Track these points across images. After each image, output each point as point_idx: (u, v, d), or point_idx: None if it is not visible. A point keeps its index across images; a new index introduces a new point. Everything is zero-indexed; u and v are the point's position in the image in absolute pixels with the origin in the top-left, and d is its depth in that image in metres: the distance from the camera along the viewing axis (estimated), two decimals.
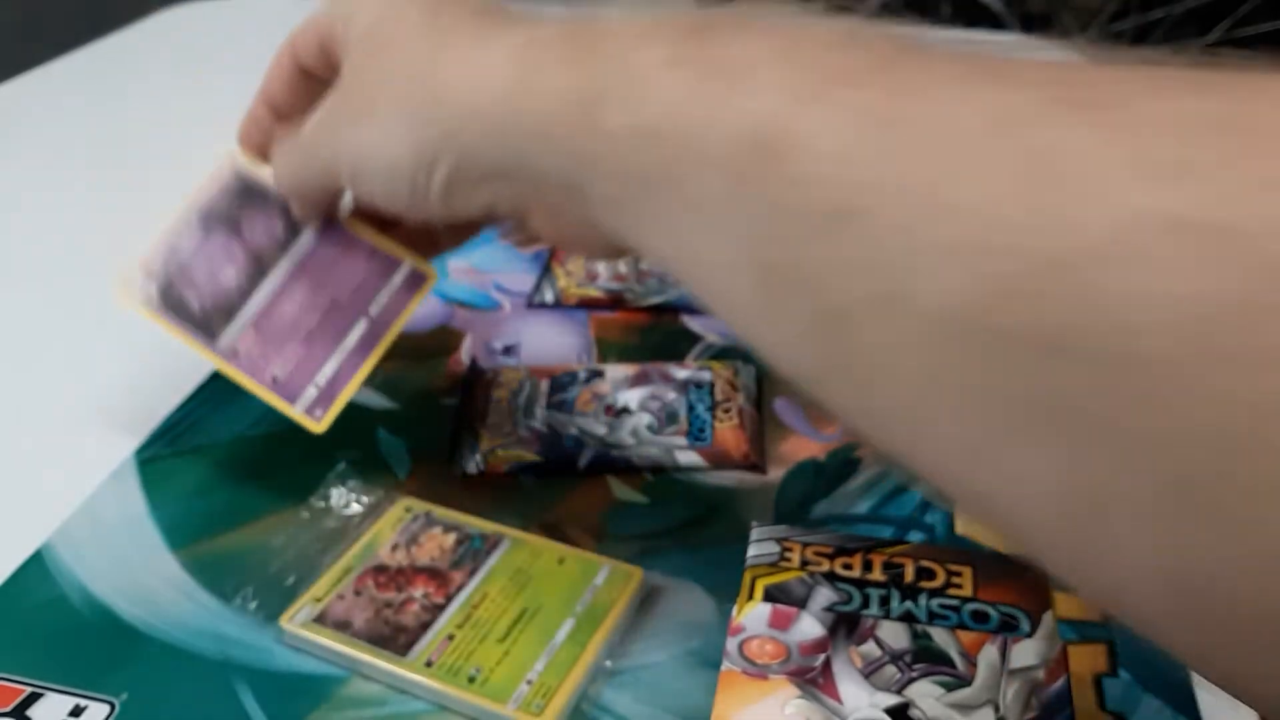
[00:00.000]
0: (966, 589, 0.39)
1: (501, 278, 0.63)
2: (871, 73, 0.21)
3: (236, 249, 0.45)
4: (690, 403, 0.51)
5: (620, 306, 0.60)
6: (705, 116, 0.23)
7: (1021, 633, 0.37)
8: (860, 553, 0.41)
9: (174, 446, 0.50)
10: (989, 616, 0.38)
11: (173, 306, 0.45)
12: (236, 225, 0.46)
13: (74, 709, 0.37)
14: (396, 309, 0.45)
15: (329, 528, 0.44)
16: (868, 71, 0.22)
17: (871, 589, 0.39)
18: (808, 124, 0.21)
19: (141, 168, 0.81)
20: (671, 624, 0.40)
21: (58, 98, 0.92)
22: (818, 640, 0.37)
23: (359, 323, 0.45)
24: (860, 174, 0.20)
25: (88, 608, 0.41)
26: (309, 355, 0.44)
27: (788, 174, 0.21)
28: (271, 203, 0.45)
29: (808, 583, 0.40)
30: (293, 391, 0.44)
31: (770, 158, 0.21)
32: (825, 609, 0.38)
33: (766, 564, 0.40)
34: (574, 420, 0.50)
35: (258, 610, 0.41)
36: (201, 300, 0.45)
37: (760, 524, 0.43)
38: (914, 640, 0.37)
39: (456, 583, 0.41)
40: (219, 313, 0.45)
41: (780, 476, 0.48)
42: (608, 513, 0.46)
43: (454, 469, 0.48)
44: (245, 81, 0.48)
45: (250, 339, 0.44)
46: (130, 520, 0.46)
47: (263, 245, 0.45)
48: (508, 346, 0.57)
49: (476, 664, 0.38)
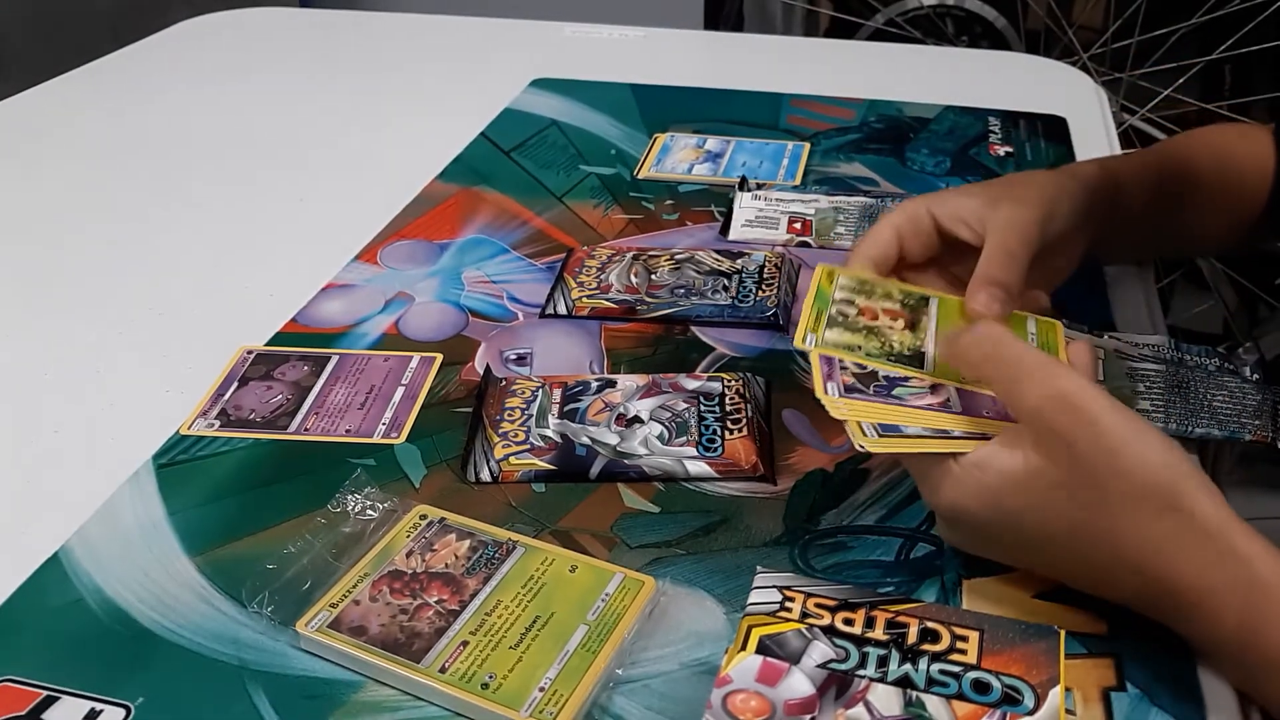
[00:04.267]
0: (971, 655, 0.38)
1: (515, 288, 0.64)
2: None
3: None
4: (700, 413, 0.51)
5: (632, 317, 0.61)
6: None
7: (1023, 710, 0.36)
8: (864, 609, 0.40)
9: (191, 452, 0.51)
10: (991, 687, 0.37)
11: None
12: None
13: (90, 713, 0.38)
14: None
15: (345, 534, 0.45)
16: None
17: (871, 647, 0.38)
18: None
19: (162, 175, 0.81)
20: (681, 633, 0.41)
21: (80, 105, 0.93)
22: (805, 700, 0.36)
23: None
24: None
25: (105, 612, 0.42)
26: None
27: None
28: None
29: (805, 636, 0.39)
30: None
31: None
32: (819, 665, 0.37)
33: (765, 613, 0.40)
34: (586, 429, 0.50)
35: (274, 615, 0.41)
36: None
37: (765, 569, 0.42)
38: (905, 709, 0.36)
39: (470, 589, 0.41)
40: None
41: (789, 487, 0.48)
42: (619, 521, 0.46)
43: (468, 476, 0.49)
44: (264, 90, 0.49)
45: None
46: (148, 525, 0.46)
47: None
48: (521, 356, 0.58)
49: (490, 670, 0.38)
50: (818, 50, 1.20)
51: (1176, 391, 0.53)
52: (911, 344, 0.45)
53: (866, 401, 0.42)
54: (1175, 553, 0.37)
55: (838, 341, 0.45)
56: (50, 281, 0.67)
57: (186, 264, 0.68)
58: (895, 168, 0.80)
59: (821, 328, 0.45)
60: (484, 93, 0.94)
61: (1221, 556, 0.36)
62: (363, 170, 0.82)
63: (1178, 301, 1.59)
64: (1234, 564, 0.36)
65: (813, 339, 0.45)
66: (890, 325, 0.46)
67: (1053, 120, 0.88)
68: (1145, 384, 0.54)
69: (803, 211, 0.72)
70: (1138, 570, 0.38)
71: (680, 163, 0.81)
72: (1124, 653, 0.39)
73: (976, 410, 0.42)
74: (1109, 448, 0.37)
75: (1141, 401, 0.53)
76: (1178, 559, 0.37)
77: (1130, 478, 0.37)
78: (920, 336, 0.46)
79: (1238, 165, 0.63)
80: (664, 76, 0.98)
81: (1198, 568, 0.37)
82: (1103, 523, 0.38)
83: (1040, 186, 0.53)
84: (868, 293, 0.47)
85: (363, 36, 1.14)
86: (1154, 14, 1.44)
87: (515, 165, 0.81)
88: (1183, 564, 0.37)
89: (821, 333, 0.45)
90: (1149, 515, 0.37)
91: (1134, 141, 1.50)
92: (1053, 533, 0.39)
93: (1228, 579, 0.36)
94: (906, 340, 0.46)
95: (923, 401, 0.42)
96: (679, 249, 0.67)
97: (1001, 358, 0.41)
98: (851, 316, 0.46)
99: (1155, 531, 0.37)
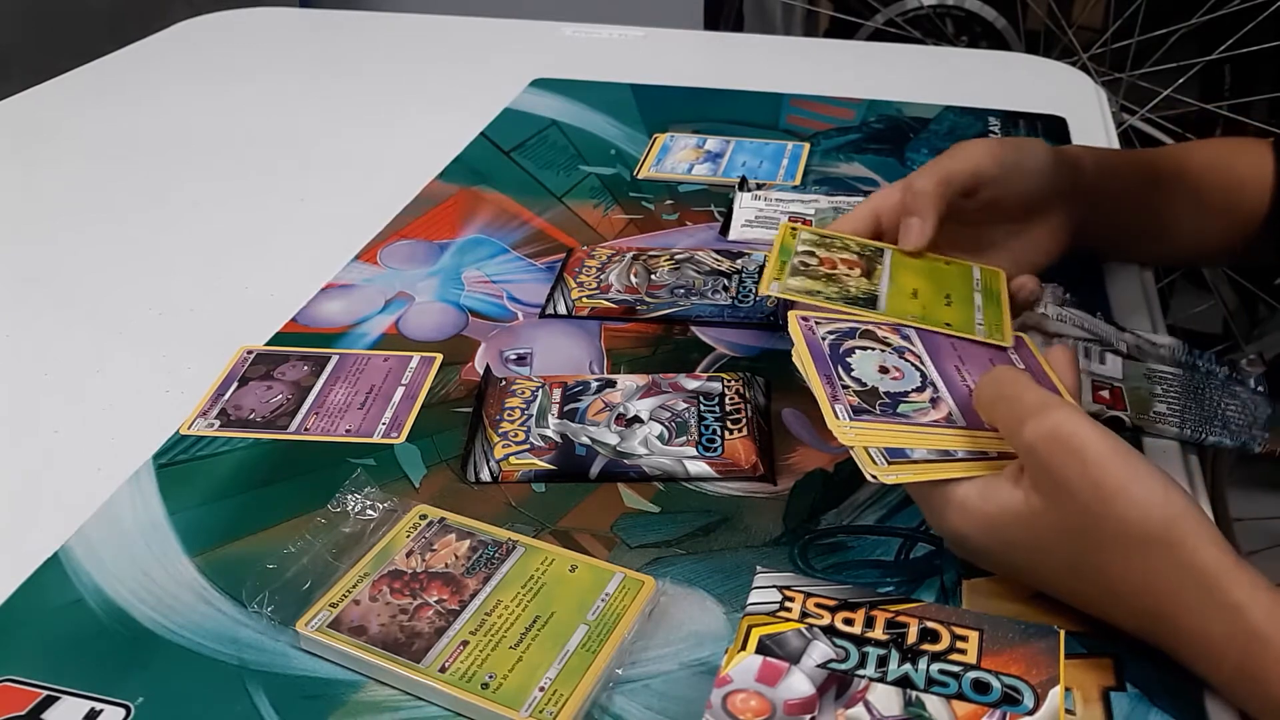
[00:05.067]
0: (970, 655, 0.38)
1: (515, 288, 0.64)
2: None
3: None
4: (700, 413, 0.51)
5: (632, 317, 0.61)
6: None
7: (1023, 710, 0.36)
8: (864, 608, 0.40)
9: (191, 452, 0.51)
10: (991, 687, 0.37)
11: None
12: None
13: (90, 713, 0.38)
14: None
15: (345, 534, 0.45)
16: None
17: (871, 647, 0.38)
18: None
19: (162, 175, 0.81)
20: (681, 633, 0.41)
21: (80, 105, 0.93)
22: (805, 700, 0.36)
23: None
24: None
25: (105, 612, 0.42)
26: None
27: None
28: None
29: (805, 636, 0.39)
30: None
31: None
32: (819, 665, 0.37)
33: (765, 613, 0.40)
34: (586, 429, 0.50)
35: (274, 615, 0.41)
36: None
37: (765, 569, 0.42)
38: (905, 708, 0.36)
39: (470, 589, 0.41)
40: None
41: (789, 487, 0.48)
42: (619, 521, 0.46)
43: (468, 476, 0.49)
44: (264, 90, 0.49)
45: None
46: (148, 525, 0.46)
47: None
48: (521, 356, 0.58)
49: (490, 670, 0.38)
50: (818, 50, 1.20)
51: (1192, 397, 0.54)
52: (866, 288, 0.50)
53: (874, 423, 0.42)
54: (1172, 597, 0.37)
55: (799, 288, 0.49)
56: (50, 281, 0.67)
57: (186, 264, 0.68)
58: (895, 168, 0.80)
59: (785, 276, 0.51)
60: (484, 93, 0.94)
61: (1218, 607, 0.36)
62: (363, 170, 0.82)
63: (1177, 301, 1.59)
64: (1230, 615, 0.36)
65: (776, 285, 0.50)
66: (847, 273, 0.51)
67: (1052, 120, 0.88)
68: (1162, 386, 0.54)
69: (802, 212, 0.72)
70: (1136, 610, 0.38)
71: (680, 163, 0.81)
72: (1124, 653, 0.39)
73: (978, 423, 0.43)
74: (1103, 491, 0.37)
75: (1158, 404, 0.53)
76: (1175, 603, 0.37)
77: (1126, 521, 0.37)
78: (875, 282, 0.51)
79: (1238, 176, 0.64)
80: (664, 76, 0.98)
81: (1195, 614, 0.37)
82: (1100, 564, 0.38)
83: (994, 143, 0.56)
84: (827, 245, 0.53)
85: (363, 36, 1.14)
86: (1154, 14, 1.44)
87: (515, 165, 0.81)
88: (1180, 609, 0.37)
89: (785, 279, 0.50)
90: (1145, 559, 0.37)
91: (1134, 141, 1.50)
92: (1054, 566, 0.39)
93: (1225, 629, 0.36)
94: (862, 285, 0.51)
95: (927, 419, 0.43)
96: (679, 249, 0.67)
97: (1005, 397, 0.41)
98: (812, 266, 0.51)
99: (1152, 575, 0.37)
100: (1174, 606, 0.37)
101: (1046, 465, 0.38)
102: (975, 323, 0.49)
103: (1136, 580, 0.37)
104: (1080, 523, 0.37)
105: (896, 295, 0.50)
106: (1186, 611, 0.37)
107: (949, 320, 0.49)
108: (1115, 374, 0.54)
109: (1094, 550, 0.38)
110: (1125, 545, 0.37)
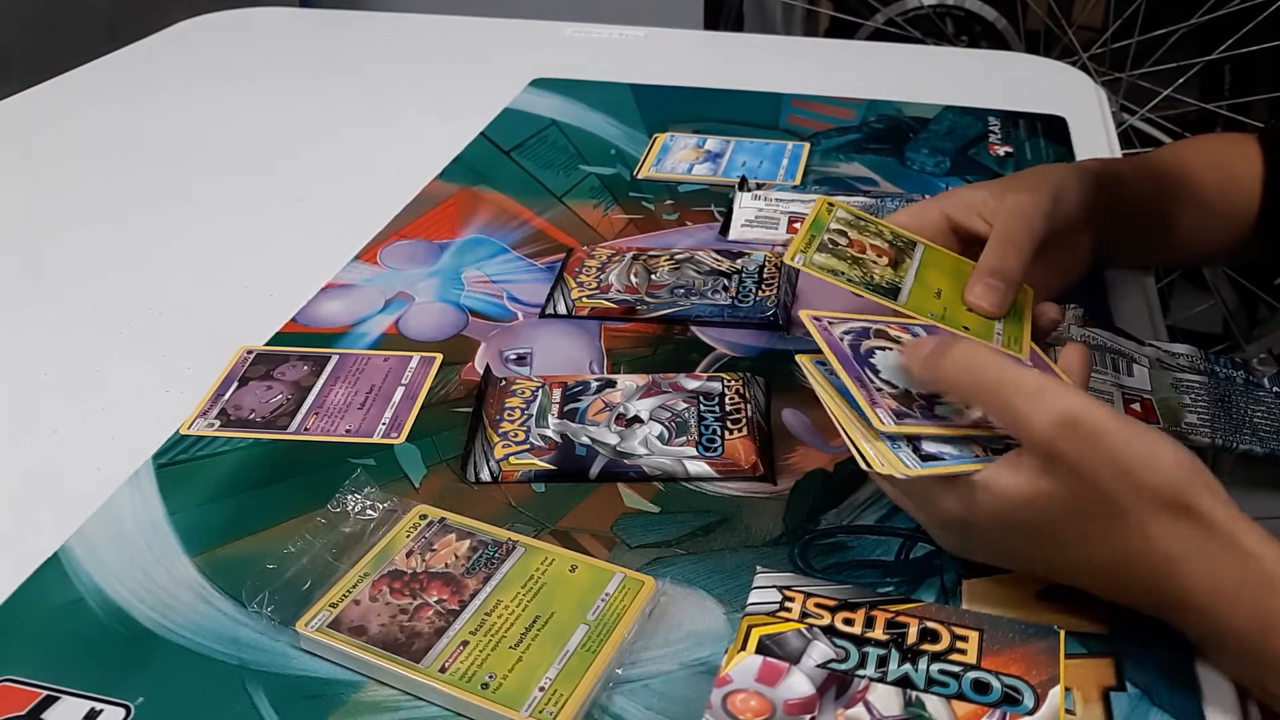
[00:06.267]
0: (970, 655, 0.38)
1: (515, 288, 0.64)
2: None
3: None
4: (700, 413, 0.51)
5: (632, 317, 0.61)
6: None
7: (1023, 709, 0.36)
8: (864, 608, 0.40)
9: (191, 452, 0.51)
10: (991, 687, 0.37)
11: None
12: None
13: (90, 713, 0.38)
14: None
15: (345, 534, 0.45)
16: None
17: (871, 647, 0.38)
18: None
19: (162, 175, 0.81)
20: (681, 633, 0.41)
21: (80, 105, 0.93)
22: (805, 700, 0.36)
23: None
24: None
25: (104, 611, 0.42)
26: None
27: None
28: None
29: (805, 636, 0.39)
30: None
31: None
32: (819, 665, 0.37)
33: (765, 613, 0.40)
34: (586, 429, 0.50)
35: (274, 615, 0.41)
36: None
37: (765, 569, 0.42)
38: (905, 708, 0.36)
39: (470, 589, 0.41)
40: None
41: (789, 487, 0.48)
42: (619, 521, 0.46)
43: (468, 476, 0.49)
44: (264, 90, 0.49)
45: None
46: (148, 525, 0.46)
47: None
48: (521, 356, 0.58)
49: (490, 670, 0.38)
50: (818, 50, 1.20)
51: (1220, 405, 0.54)
52: (891, 278, 0.49)
53: (918, 426, 0.41)
54: (1187, 557, 0.37)
55: (824, 265, 0.48)
56: (50, 281, 0.67)
57: (186, 264, 0.68)
58: (895, 168, 0.80)
59: (812, 250, 0.48)
60: (484, 93, 0.94)
61: (1232, 557, 0.37)
62: (363, 170, 0.82)
63: (1177, 301, 1.59)
64: (1245, 563, 0.37)
65: (801, 258, 0.48)
66: (875, 260, 0.49)
67: (1052, 120, 0.88)
68: (1191, 396, 0.54)
69: (802, 211, 0.72)
70: (1147, 575, 0.38)
71: (680, 163, 0.81)
72: (1124, 653, 0.39)
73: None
74: (1125, 464, 0.37)
75: (1188, 414, 0.53)
76: (1189, 563, 0.37)
77: (1141, 489, 0.37)
78: (901, 274, 0.49)
79: (1234, 174, 0.64)
80: (664, 76, 0.98)
81: (1209, 570, 0.37)
82: (1113, 532, 0.38)
83: (1047, 174, 0.54)
84: (860, 228, 0.51)
85: (363, 36, 1.14)
86: (1154, 14, 1.44)
87: (515, 165, 0.81)
88: (1194, 568, 0.37)
89: (811, 254, 0.48)
90: (1161, 522, 0.37)
91: (1134, 141, 1.50)
92: (1062, 542, 0.39)
93: (1239, 579, 0.37)
94: (887, 275, 0.49)
95: (964, 420, 0.42)
96: (679, 249, 0.67)
97: (987, 382, 0.40)
98: (841, 245, 0.49)
99: (1167, 537, 0.37)
100: (1188, 566, 0.37)
101: (1062, 452, 0.38)
102: (995, 332, 0.48)
103: (1150, 544, 0.37)
104: (1097, 497, 0.38)
105: (920, 291, 0.49)
106: (1201, 568, 0.37)
107: (968, 324, 0.48)
108: (1144, 386, 0.54)
109: (1108, 520, 0.38)
110: (1142, 511, 0.37)
